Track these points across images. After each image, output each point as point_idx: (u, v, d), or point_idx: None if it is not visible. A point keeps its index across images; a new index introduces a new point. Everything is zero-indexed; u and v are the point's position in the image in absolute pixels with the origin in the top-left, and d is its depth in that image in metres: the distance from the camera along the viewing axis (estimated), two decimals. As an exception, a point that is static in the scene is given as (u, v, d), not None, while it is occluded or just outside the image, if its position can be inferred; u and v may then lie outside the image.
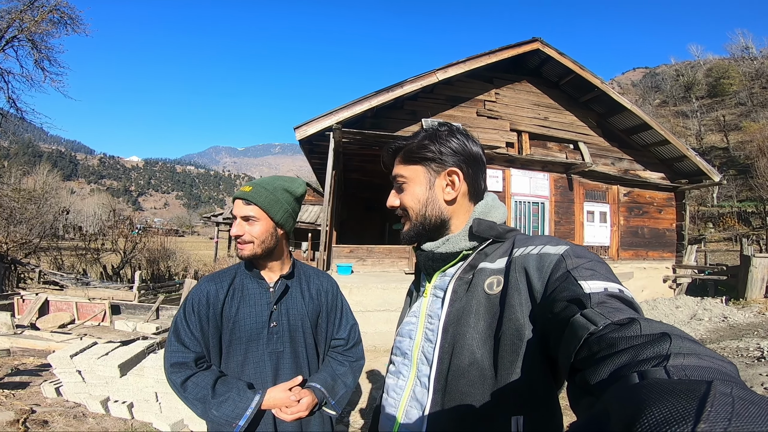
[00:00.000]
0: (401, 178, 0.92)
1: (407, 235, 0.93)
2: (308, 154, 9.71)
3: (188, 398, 1.22)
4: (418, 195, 0.90)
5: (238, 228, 1.33)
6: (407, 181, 0.91)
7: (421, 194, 0.90)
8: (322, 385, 1.35)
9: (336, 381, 1.40)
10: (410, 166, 0.91)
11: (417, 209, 0.90)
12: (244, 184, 1.39)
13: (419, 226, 0.90)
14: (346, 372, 1.46)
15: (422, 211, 0.89)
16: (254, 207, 1.33)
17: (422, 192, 0.90)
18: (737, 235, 21.06)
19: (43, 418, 3.05)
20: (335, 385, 1.39)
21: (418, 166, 0.90)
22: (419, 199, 0.90)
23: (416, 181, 0.90)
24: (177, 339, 1.28)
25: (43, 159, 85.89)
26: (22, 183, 22.59)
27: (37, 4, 13.62)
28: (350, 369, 1.48)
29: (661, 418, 0.28)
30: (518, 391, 0.70)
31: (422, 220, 0.89)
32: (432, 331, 0.82)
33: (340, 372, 1.44)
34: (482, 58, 8.66)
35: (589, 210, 10.34)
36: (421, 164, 0.90)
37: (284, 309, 1.39)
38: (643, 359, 0.41)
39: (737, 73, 49.76)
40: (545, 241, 0.77)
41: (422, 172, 0.90)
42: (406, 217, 0.93)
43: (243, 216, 1.33)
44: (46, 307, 6.95)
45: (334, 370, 1.44)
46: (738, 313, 8.06)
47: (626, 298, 0.59)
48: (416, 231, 0.91)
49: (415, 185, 0.90)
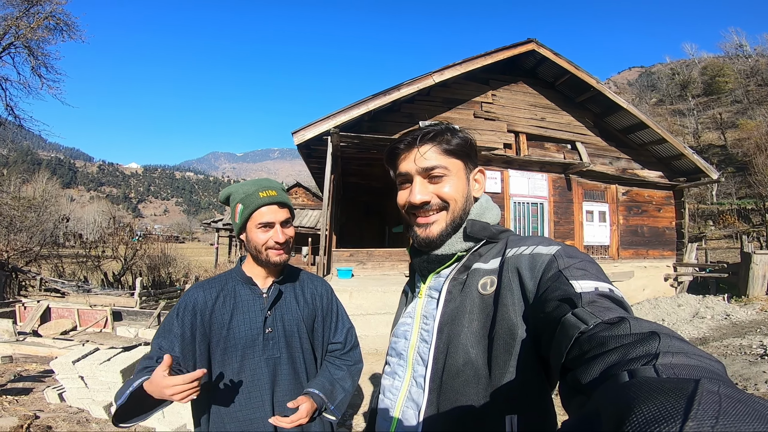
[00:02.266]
0: (441, 170, 0.86)
1: (443, 232, 0.86)
2: (306, 158, 9.74)
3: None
4: (461, 189, 0.88)
5: (282, 234, 1.30)
6: (449, 173, 0.87)
7: (463, 188, 0.88)
8: (321, 391, 1.33)
9: (334, 386, 1.38)
10: (452, 159, 0.88)
11: (461, 203, 0.87)
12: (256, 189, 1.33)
13: (458, 220, 0.87)
14: (345, 376, 1.44)
15: (464, 206, 0.88)
16: (287, 210, 1.33)
17: (464, 186, 0.89)
18: (737, 233, 21.07)
19: (46, 423, 3.06)
20: (334, 389, 1.37)
21: (459, 161, 0.88)
22: (463, 194, 0.88)
23: (458, 175, 0.88)
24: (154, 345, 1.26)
25: (42, 166, 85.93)
26: (22, 191, 22.62)
27: (33, 10, 13.64)
28: (348, 373, 1.46)
29: (650, 417, 0.28)
30: (512, 390, 0.70)
31: (461, 215, 0.88)
32: (427, 331, 0.83)
33: (338, 376, 1.42)
34: (478, 59, 8.70)
35: (588, 210, 10.36)
36: (461, 159, 0.89)
37: (279, 314, 1.36)
38: (633, 358, 0.42)
39: (732, 71, 49.86)
40: (537, 242, 0.78)
41: (462, 167, 0.89)
42: (444, 210, 0.87)
43: (282, 221, 1.31)
44: (48, 314, 6.96)
45: (332, 374, 1.42)
46: (740, 310, 8.03)
47: (616, 297, 0.60)
48: (454, 226, 0.87)
49: (456, 178, 0.88)
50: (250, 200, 1.30)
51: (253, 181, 1.37)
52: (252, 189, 1.32)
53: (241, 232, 1.35)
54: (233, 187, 1.39)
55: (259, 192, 1.31)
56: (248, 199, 1.31)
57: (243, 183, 1.38)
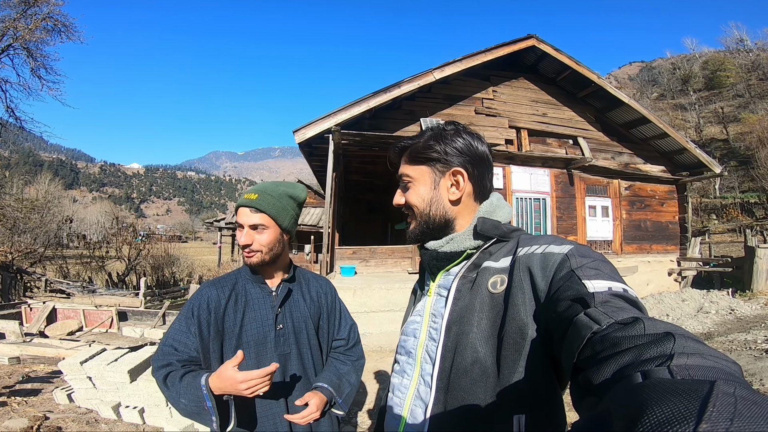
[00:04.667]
0: (407, 178, 0.93)
1: (412, 234, 0.93)
2: (308, 157, 9.74)
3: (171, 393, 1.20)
4: (422, 195, 0.90)
5: (246, 237, 1.31)
6: (412, 180, 0.92)
7: (426, 194, 0.90)
8: (329, 385, 1.37)
9: (341, 380, 1.42)
10: (416, 166, 0.91)
11: (421, 208, 0.90)
12: (247, 191, 1.38)
13: (423, 225, 0.91)
14: (350, 371, 1.49)
15: (426, 211, 0.90)
16: (263, 215, 1.33)
17: (426, 192, 0.90)
18: (741, 227, 20.95)
19: (56, 424, 3.09)
20: (341, 383, 1.41)
21: (423, 166, 0.90)
22: (424, 199, 0.90)
23: (421, 181, 0.91)
24: (168, 343, 1.27)
25: (44, 168, 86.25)
26: (25, 193, 22.66)
27: (30, 12, 13.64)
28: (353, 368, 1.51)
29: (663, 418, 0.28)
30: (521, 390, 0.70)
31: (426, 219, 0.90)
32: (436, 329, 0.83)
33: (344, 371, 1.47)
34: (478, 56, 8.68)
35: (590, 205, 10.34)
36: (426, 164, 0.90)
37: (288, 312, 1.41)
38: (647, 359, 0.41)
39: (733, 66, 49.55)
40: (550, 241, 0.77)
41: (427, 172, 0.90)
42: (412, 216, 0.93)
43: (251, 225, 1.32)
44: (54, 315, 6.99)
45: (338, 369, 1.46)
46: (745, 305, 8.01)
47: (630, 297, 0.59)
48: (421, 230, 0.91)
49: (419, 185, 0.91)
50: (239, 200, 1.37)
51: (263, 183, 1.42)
52: (251, 189, 1.39)
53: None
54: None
55: (247, 193, 1.37)
56: (240, 198, 1.38)
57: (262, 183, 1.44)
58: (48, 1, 13.78)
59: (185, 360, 1.26)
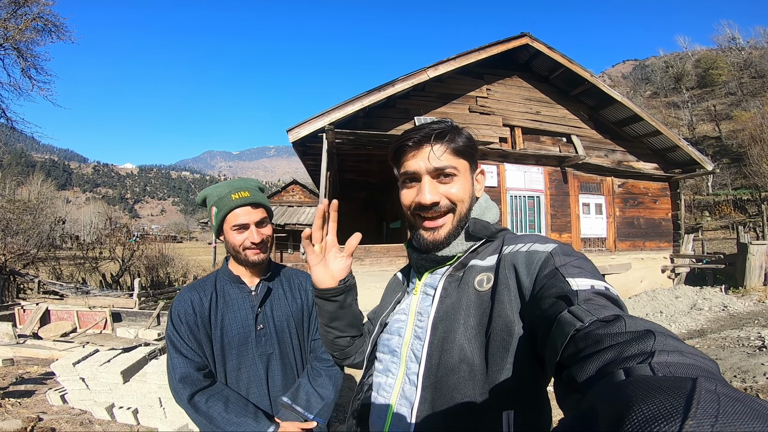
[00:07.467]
0: (452, 170, 0.84)
1: (450, 235, 0.86)
2: (302, 156, 9.73)
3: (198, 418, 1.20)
4: (468, 190, 0.87)
5: (258, 234, 1.31)
6: (458, 173, 0.85)
7: (470, 189, 0.88)
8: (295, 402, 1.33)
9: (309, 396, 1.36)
10: (460, 160, 0.86)
11: (467, 204, 0.87)
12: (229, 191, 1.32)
13: (463, 221, 0.87)
14: (324, 382, 1.39)
15: (469, 206, 0.88)
16: (262, 209, 1.33)
17: (470, 187, 0.88)
18: (734, 223, 21.15)
19: (50, 425, 3.07)
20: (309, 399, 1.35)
21: (465, 161, 0.87)
22: (469, 194, 0.87)
23: (465, 176, 0.87)
24: (176, 351, 1.26)
25: (37, 169, 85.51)
26: (17, 194, 22.42)
27: (20, 12, 13.49)
28: (327, 377, 1.40)
29: (650, 415, 0.28)
30: (509, 387, 0.70)
31: (466, 216, 0.87)
32: (422, 328, 0.82)
33: (318, 383, 1.39)
34: (472, 54, 8.70)
35: (584, 202, 10.41)
36: (467, 159, 0.87)
37: (269, 311, 1.39)
38: (628, 356, 0.41)
39: (725, 64, 49.99)
40: (534, 240, 0.78)
41: (468, 168, 0.88)
42: (451, 212, 0.86)
43: (257, 221, 1.32)
44: (47, 317, 6.96)
45: (309, 381, 1.39)
46: (738, 301, 8.07)
47: (611, 295, 0.60)
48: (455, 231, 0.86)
49: (463, 179, 0.86)
50: (223, 203, 1.31)
51: (227, 183, 1.37)
52: (225, 191, 1.33)
53: (219, 234, 1.37)
54: (208, 190, 1.39)
55: (232, 194, 1.32)
56: (221, 201, 1.32)
57: (217, 185, 1.37)
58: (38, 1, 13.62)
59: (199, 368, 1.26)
